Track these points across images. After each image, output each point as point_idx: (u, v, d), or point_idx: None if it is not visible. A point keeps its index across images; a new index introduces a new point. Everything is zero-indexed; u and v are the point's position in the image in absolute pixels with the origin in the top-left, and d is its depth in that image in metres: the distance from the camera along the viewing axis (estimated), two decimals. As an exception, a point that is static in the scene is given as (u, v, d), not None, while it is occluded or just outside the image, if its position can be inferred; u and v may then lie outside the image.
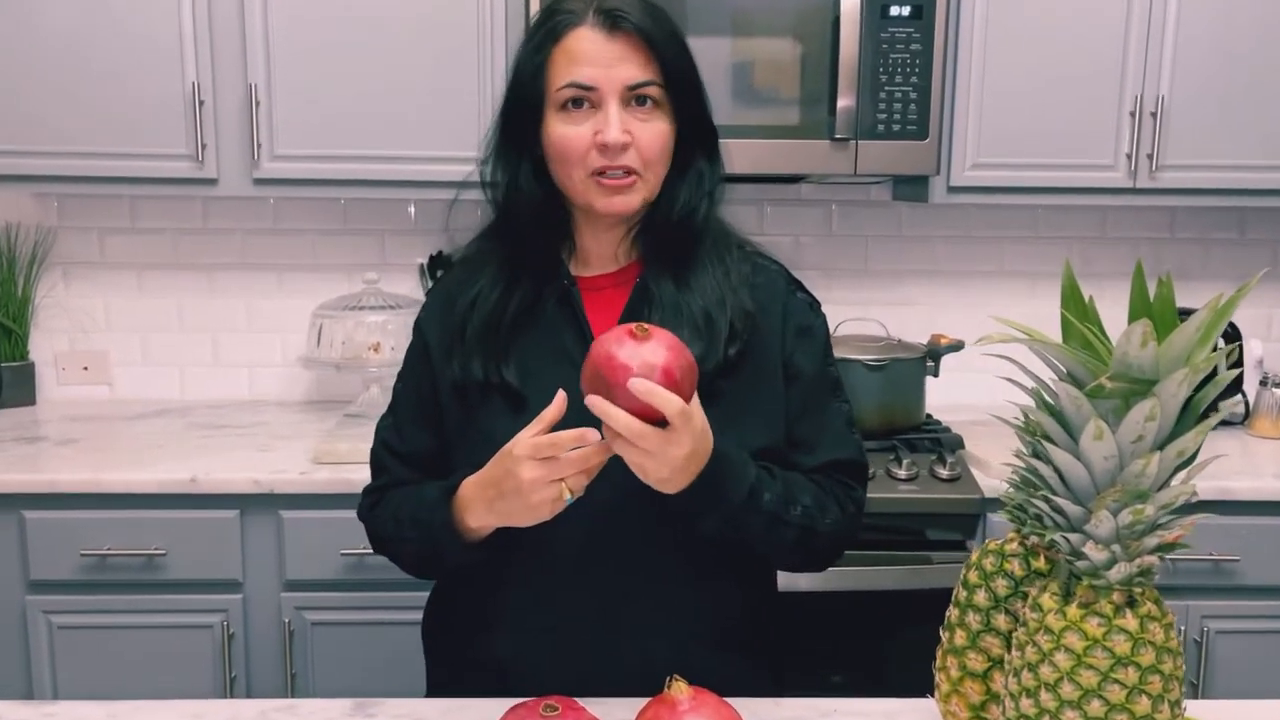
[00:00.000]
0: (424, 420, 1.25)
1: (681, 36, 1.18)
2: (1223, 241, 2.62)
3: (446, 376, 1.22)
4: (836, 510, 1.20)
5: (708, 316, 1.17)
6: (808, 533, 1.17)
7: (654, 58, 1.14)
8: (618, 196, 1.15)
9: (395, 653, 1.99)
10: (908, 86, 2.10)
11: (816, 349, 1.26)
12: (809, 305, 1.28)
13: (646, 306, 1.19)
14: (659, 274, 1.20)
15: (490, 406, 1.19)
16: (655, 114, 1.15)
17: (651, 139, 1.14)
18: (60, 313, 2.54)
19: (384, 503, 1.26)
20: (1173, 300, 0.85)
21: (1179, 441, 0.82)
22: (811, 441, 1.23)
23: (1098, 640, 0.83)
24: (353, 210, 2.54)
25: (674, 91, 1.16)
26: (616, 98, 1.13)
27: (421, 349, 1.27)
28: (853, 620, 2.01)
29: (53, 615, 1.97)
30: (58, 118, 2.13)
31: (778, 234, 2.57)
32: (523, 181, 1.19)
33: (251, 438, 2.22)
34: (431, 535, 1.16)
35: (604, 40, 1.13)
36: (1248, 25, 2.17)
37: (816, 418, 1.24)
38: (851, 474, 1.25)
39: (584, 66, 1.12)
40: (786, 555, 1.20)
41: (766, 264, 1.28)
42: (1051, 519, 0.88)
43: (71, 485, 1.93)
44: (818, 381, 1.25)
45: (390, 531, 1.24)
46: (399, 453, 1.27)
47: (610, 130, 1.12)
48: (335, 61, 2.13)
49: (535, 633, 1.19)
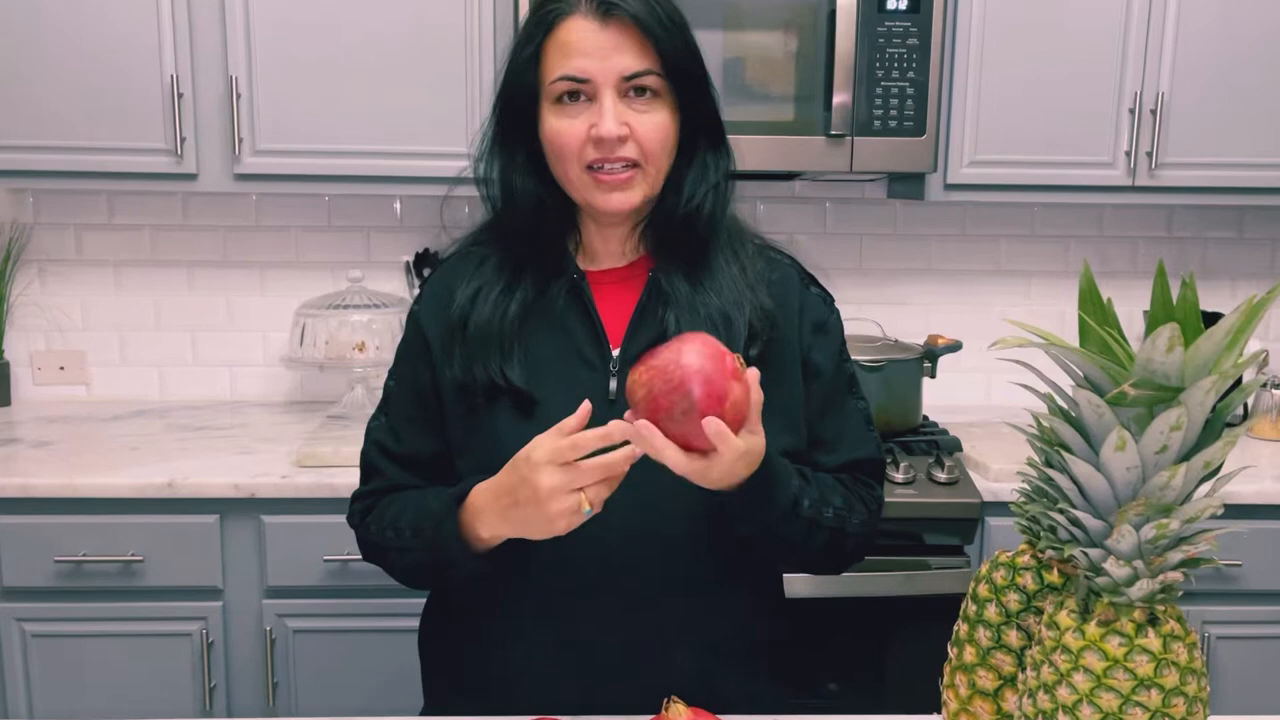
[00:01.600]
0: (423, 420, 1.18)
1: (683, 21, 1.12)
2: (1221, 240, 2.59)
3: (448, 375, 1.15)
4: (862, 510, 1.18)
5: (726, 317, 1.13)
6: (839, 534, 1.14)
7: (651, 46, 1.08)
8: (616, 193, 1.10)
9: (379, 661, 1.94)
10: (904, 82, 2.06)
11: (833, 345, 1.22)
12: (823, 300, 1.24)
13: (661, 304, 1.14)
14: (671, 270, 1.15)
15: (497, 408, 1.13)
16: (655, 104, 1.10)
17: (650, 130, 1.09)
18: (36, 311, 2.48)
19: (379, 510, 1.19)
20: (1196, 303, 0.81)
21: (1205, 452, 0.78)
22: (832, 441, 1.20)
23: (1118, 661, 0.79)
24: (337, 206, 2.48)
25: (675, 80, 1.10)
26: (612, 89, 1.08)
27: (419, 343, 1.19)
28: (850, 626, 1.97)
29: (26, 624, 1.92)
30: (33, 111, 2.07)
31: (772, 231, 2.48)
32: (518, 177, 1.14)
33: (232, 440, 2.17)
34: (437, 546, 1.09)
35: (597, 29, 1.07)
36: (1248, 22, 2.14)
37: (836, 416, 1.20)
38: (871, 472, 1.22)
39: (577, 58, 1.07)
40: (815, 558, 1.16)
41: (780, 258, 1.24)
42: (1069, 532, 0.83)
43: (46, 489, 1.88)
44: (835, 379, 1.21)
45: (388, 540, 1.16)
46: (395, 455, 1.20)
47: (605, 122, 1.07)
48: (319, 54, 2.08)
49: (546, 649, 1.13)
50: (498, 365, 1.12)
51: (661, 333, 1.11)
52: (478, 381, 1.12)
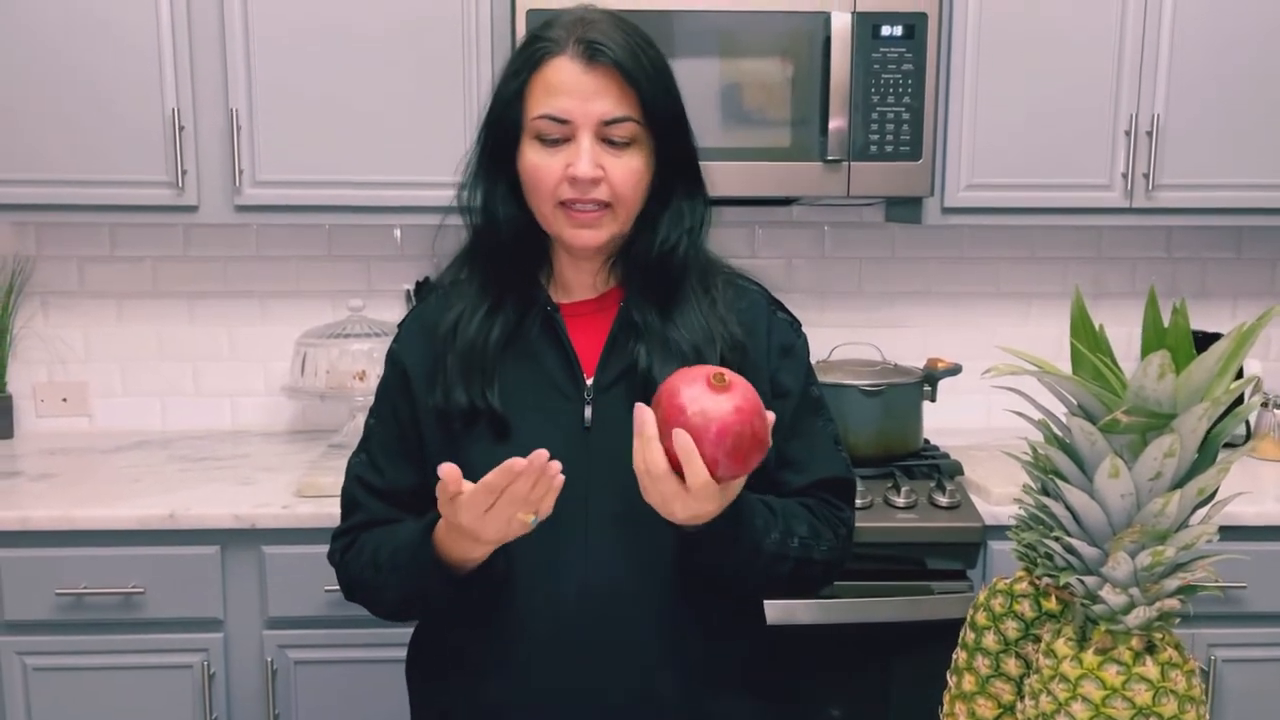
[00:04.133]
0: (405, 454, 1.20)
1: (666, 71, 1.14)
2: (1220, 260, 2.59)
3: (429, 405, 1.17)
4: (830, 536, 1.19)
5: (697, 352, 1.14)
6: (803, 563, 1.15)
7: (633, 92, 1.10)
8: (585, 230, 1.13)
9: (381, 692, 1.93)
10: (900, 107, 2.07)
11: (799, 368, 1.24)
12: (789, 325, 1.26)
13: (632, 335, 1.16)
14: (643, 304, 1.17)
15: (474, 434, 1.14)
16: (630, 150, 1.12)
17: (624, 175, 1.11)
18: (39, 343, 2.49)
19: (357, 547, 1.21)
20: (1188, 328, 0.81)
21: (1200, 478, 0.78)
22: (801, 461, 1.21)
23: (1117, 689, 0.79)
24: (337, 236, 2.49)
25: (653, 128, 1.13)
26: (590, 131, 1.10)
27: (398, 379, 1.21)
28: (852, 653, 1.96)
29: (27, 657, 1.91)
30: (35, 145, 2.08)
31: (770, 257, 2.54)
32: (500, 205, 1.17)
33: (233, 470, 2.17)
34: (415, 575, 1.12)
35: (581, 72, 1.09)
36: (1242, 44, 2.15)
37: (805, 436, 1.22)
38: (840, 493, 1.23)
39: (559, 98, 1.09)
40: (778, 586, 1.17)
41: (747, 285, 1.26)
42: (1065, 560, 0.83)
43: (46, 522, 1.88)
44: (803, 400, 1.22)
45: (368, 578, 1.18)
46: (378, 489, 1.22)
47: (580, 164, 1.09)
48: (318, 86, 2.09)
49: (531, 678, 1.14)
50: (478, 389, 1.14)
51: (632, 364, 1.14)
52: (458, 405, 1.14)
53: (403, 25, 2.09)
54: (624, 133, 1.11)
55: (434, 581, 1.10)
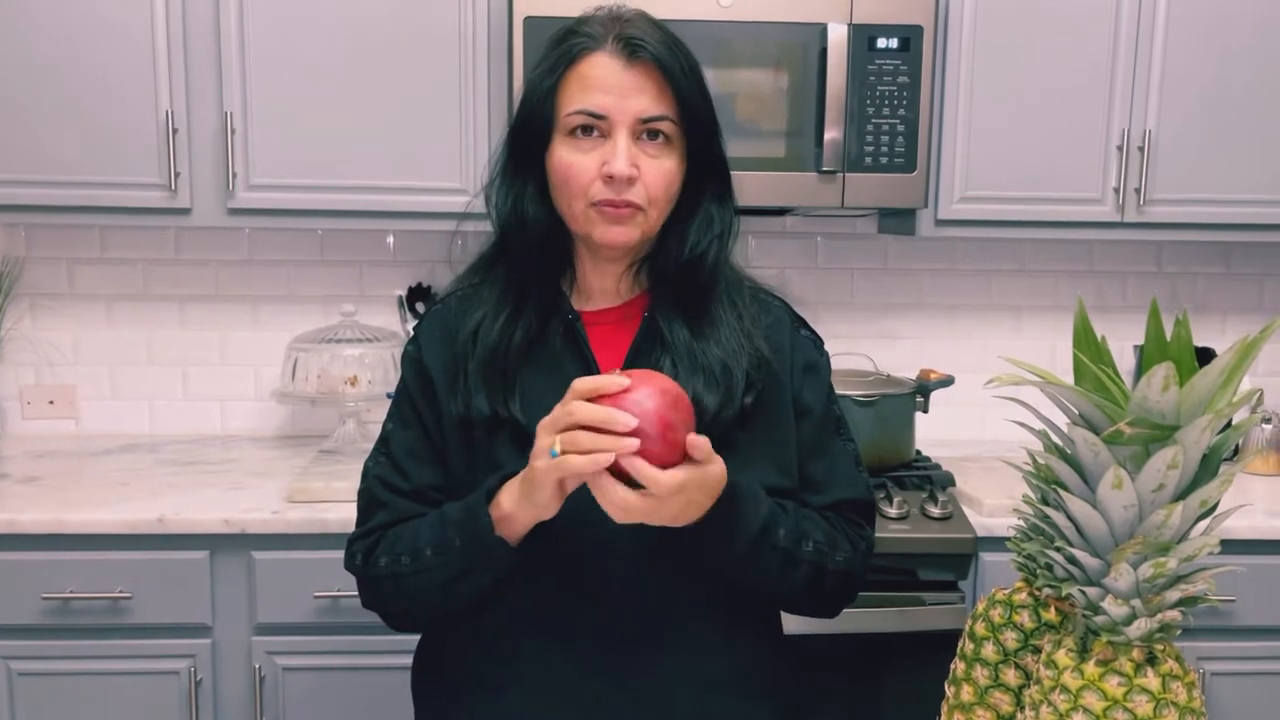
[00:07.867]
0: (431, 455, 1.16)
1: (700, 73, 1.13)
2: (1210, 275, 2.61)
3: (451, 411, 1.14)
4: (848, 548, 1.17)
5: (725, 368, 1.13)
6: (818, 570, 1.13)
7: (670, 91, 1.09)
8: (616, 227, 1.10)
9: (370, 699, 1.92)
10: (895, 119, 2.08)
11: (821, 386, 1.22)
12: (813, 342, 1.24)
13: (656, 344, 1.14)
14: (669, 315, 1.15)
15: (497, 441, 1.12)
16: (665, 150, 1.10)
17: (657, 176, 1.10)
18: (26, 345, 2.47)
19: (387, 542, 1.15)
20: (1190, 341, 0.81)
21: (1202, 490, 0.78)
22: (822, 481, 1.19)
23: (1118, 701, 0.79)
24: (330, 241, 2.49)
25: (688, 128, 1.11)
26: (627, 129, 1.08)
27: (422, 383, 1.17)
28: (843, 664, 1.96)
29: (13, 661, 1.89)
30: (27, 145, 2.07)
31: (763, 266, 2.54)
32: (528, 206, 1.14)
33: (222, 475, 2.15)
34: (468, 545, 1.06)
35: (621, 69, 1.08)
36: (1234, 60, 2.17)
37: (826, 457, 1.20)
38: (861, 513, 1.21)
39: (597, 94, 1.08)
40: (796, 595, 1.16)
41: (769, 300, 1.24)
42: (1066, 570, 0.83)
43: (33, 525, 1.86)
44: (825, 419, 1.21)
45: (403, 569, 1.11)
46: (400, 489, 1.17)
47: (617, 162, 1.07)
48: (313, 90, 2.09)
49: (543, 691, 1.12)
50: (500, 397, 1.12)
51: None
52: (479, 414, 1.12)
53: (398, 31, 2.08)
54: (661, 130, 1.09)
55: (490, 547, 1.05)
